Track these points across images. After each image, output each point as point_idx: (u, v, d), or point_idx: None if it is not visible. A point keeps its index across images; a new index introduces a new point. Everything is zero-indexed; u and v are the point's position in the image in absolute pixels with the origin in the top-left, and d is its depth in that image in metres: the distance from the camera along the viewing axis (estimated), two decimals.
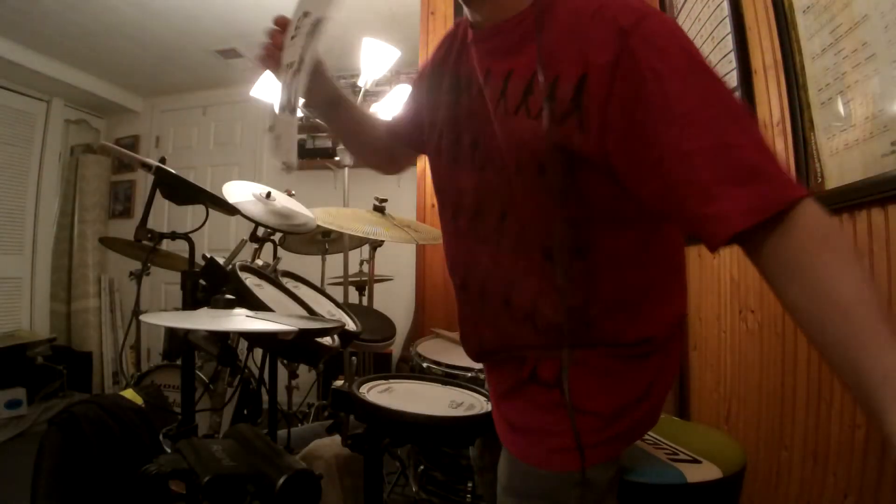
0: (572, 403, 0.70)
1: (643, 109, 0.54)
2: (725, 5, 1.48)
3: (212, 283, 1.10)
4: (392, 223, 1.84)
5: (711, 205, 0.52)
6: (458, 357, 1.60)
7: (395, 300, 3.47)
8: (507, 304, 0.75)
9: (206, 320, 0.86)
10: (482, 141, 0.71)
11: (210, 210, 1.31)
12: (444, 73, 0.80)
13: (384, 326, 1.88)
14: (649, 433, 1.07)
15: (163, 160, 1.24)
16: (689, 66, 0.55)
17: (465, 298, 0.82)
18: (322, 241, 2.49)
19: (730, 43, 1.45)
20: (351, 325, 1.27)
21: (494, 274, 0.75)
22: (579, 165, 0.60)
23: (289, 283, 1.33)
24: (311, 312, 1.18)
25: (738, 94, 1.42)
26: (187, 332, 1.05)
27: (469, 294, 0.81)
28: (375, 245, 2.32)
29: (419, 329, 2.51)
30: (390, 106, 2.56)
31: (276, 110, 0.85)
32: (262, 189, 1.51)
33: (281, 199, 1.55)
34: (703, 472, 0.89)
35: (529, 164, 0.63)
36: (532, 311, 0.72)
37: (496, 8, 0.66)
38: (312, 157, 3.95)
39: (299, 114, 0.86)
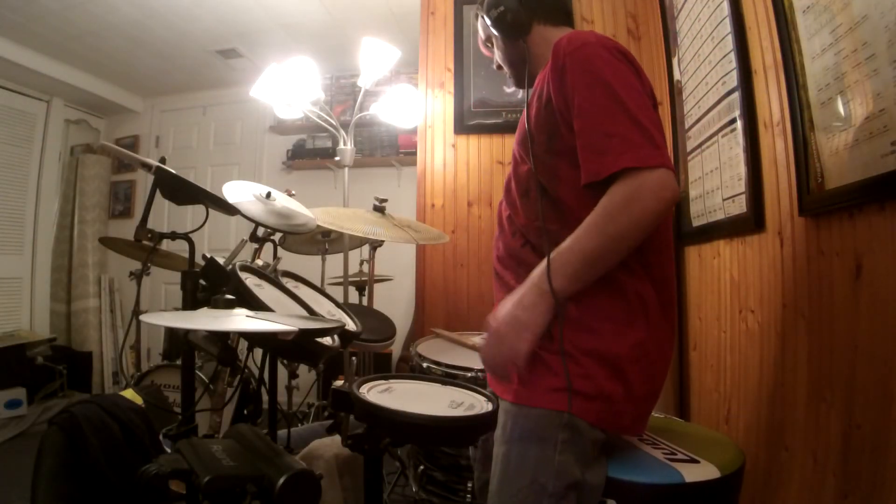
0: (565, 349, 0.86)
1: (570, 100, 0.88)
2: (725, 5, 1.48)
3: (212, 283, 1.10)
4: (392, 223, 1.84)
5: (583, 163, 0.85)
6: (458, 357, 1.60)
7: (395, 300, 3.48)
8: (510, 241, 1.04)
9: (206, 320, 0.86)
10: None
11: (210, 210, 1.30)
12: None
13: (384, 326, 1.88)
14: (647, 433, 1.07)
15: (163, 160, 1.24)
16: (591, 82, 0.85)
17: (497, 242, 1.10)
18: (322, 241, 2.50)
19: (730, 43, 1.45)
20: (351, 325, 1.27)
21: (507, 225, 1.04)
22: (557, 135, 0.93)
23: (289, 283, 1.33)
24: (311, 312, 1.18)
25: (737, 94, 1.42)
26: (187, 332, 1.05)
27: (497, 239, 1.09)
28: (375, 245, 2.32)
29: (419, 329, 2.51)
30: (390, 105, 2.56)
31: None
32: (262, 189, 1.51)
33: (281, 199, 1.55)
34: (702, 471, 0.89)
35: (530, 135, 0.96)
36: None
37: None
38: (312, 157, 3.95)
39: (299, 114, 0.93)
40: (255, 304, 0.98)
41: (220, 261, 1.14)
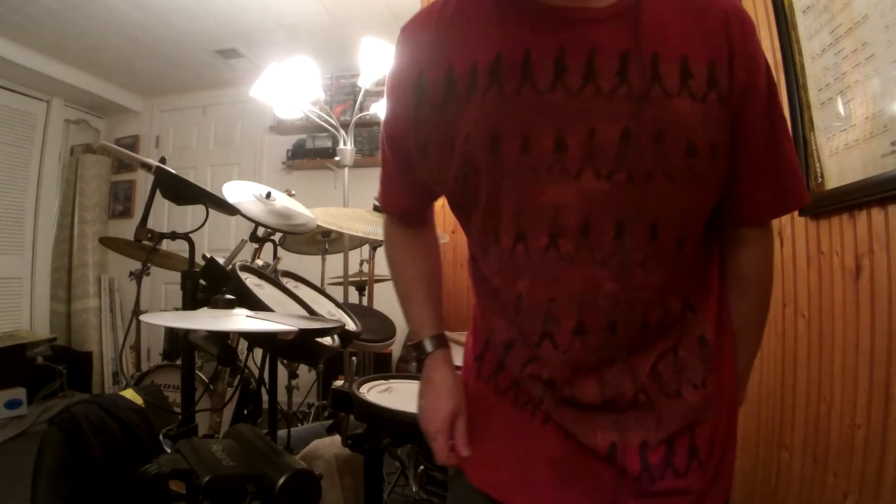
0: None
1: (749, 96, 0.61)
2: None
3: (212, 283, 1.11)
4: None
5: (757, 192, 0.66)
6: (457, 357, 1.60)
7: (395, 300, 3.47)
8: (644, 326, 0.63)
9: (206, 320, 0.86)
10: (580, 138, 0.58)
11: (210, 210, 1.30)
12: (461, 70, 0.63)
13: (384, 326, 1.88)
14: None
15: (163, 160, 1.24)
16: (767, 73, 0.63)
17: (585, 342, 0.63)
18: (322, 241, 2.49)
19: None
20: (351, 325, 1.27)
21: (624, 298, 0.61)
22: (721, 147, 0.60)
23: (289, 283, 1.33)
24: (311, 312, 1.19)
25: None
26: (187, 332, 1.06)
27: (592, 336, 0.62)
28: (375, 245, 2.32)
29: None
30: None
31: None
32: (262, 189, 1.51)
33: (281, 199, 1.55)
34: None
35: (691, 148, 0.58)
36: (664, 316, 0.63)
37: None
38: (312, 157, 3.95)
39: (299, 114, 0.86)
40: (255, 304, 0.98)
41: (220, 261, 1.14)
